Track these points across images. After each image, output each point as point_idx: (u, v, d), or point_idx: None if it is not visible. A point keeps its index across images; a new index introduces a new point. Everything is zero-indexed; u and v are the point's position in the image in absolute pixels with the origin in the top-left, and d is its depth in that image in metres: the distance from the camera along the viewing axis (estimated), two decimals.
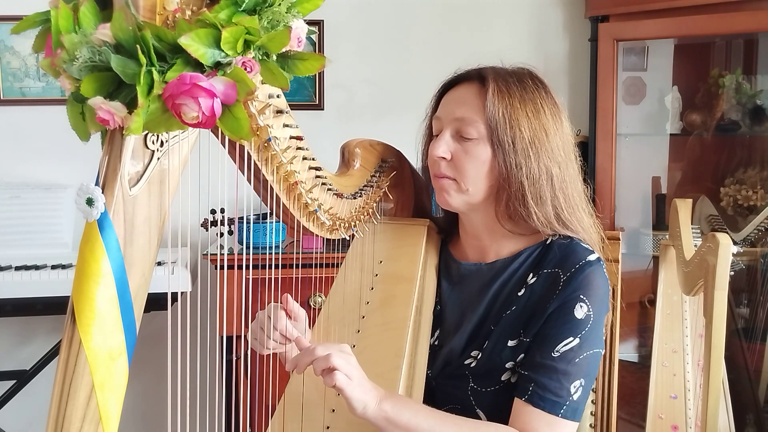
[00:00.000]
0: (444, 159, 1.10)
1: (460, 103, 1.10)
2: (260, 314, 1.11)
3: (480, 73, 1.11)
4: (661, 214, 2.60)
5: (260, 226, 2.14)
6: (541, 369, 1.02)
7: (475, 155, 1.08)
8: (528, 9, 2.73)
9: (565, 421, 1.01)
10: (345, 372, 0.92)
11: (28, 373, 2.32)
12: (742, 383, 2.27)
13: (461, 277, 1.18)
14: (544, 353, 1.03)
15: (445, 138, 1.10)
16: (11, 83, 2.52)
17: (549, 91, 1.11)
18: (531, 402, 1.01)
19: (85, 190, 0.66)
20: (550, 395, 1.00)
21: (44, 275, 2.08)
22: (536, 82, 1.11)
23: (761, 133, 2.50)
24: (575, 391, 1.01)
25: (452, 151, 1.10)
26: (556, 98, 1.12)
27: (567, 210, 1.09)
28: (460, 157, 1.09)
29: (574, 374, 1.01)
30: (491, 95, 1.06)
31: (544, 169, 1.07)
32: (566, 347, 1.02)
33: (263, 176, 0.92)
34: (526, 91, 1.09)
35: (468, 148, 1.09)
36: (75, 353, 0.66)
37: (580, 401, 1.02)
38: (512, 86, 1.08)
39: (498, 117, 1.06)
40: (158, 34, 0.64)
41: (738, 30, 2.35)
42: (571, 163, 1.11)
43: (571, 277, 1.05)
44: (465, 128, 1.08)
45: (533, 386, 1.02)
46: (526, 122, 1.07)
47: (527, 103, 1.08)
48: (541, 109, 1.08)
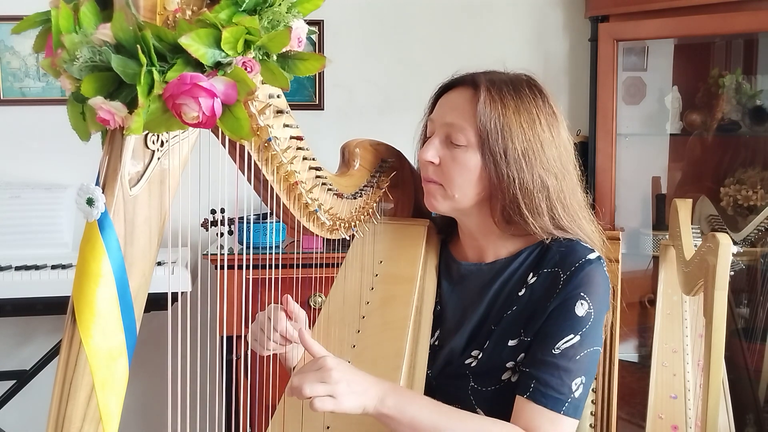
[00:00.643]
0: (432, 163, 1.10)
1: (452, 108, 1.10)
2: (260, 315, 1.11)
3: (474, 79, 1.09)
4: (661, 214, 2.60)
5: (260, 226, 2.14)
6: (543, 366, 1.02)
7: (462, 162, 1.07)
8: (528, 9, 2.73)
9: (567, 418, 1.01)
10: (325, 393, 0.91)
11: (28, 373, 2.32)
12: (742, 383, 2.27)
13: (461, 277, 1.18)
14: (544, 350, 1.03)
15: (434, 143, 1.10)
16: (11, 83, 2.52)
17: (547, 99, 1.09)
18: (533, 399, 1.01)
19: (85, 190, 0.66)
20: (552, 392, 1.01)
21: (44, 275, 2.08)
22: (534, 90, 1.09)
23: (761, 133, 2.50)
24: (576, 388, 1.01)
25: (440, 156, 1.09)
26: (555, 107, 1.10)
27: (566, 219, 1.08)
28: (448, 163, 1.09)
29: (575, 371, 1.01)
30: (482, 103, 1.05)
31: (538, 181, 1.05)
32: (567, 344, 1.02)
33: (263, 176, 0.92)
34: (522, 101, 1.07)
35: (456, 154, 1.08)
36: (75, 353, 0.66)
37: (581, 398, 1.02)
38: (506, 95, 1.06)
39: (489, 126, 1.04)
40: (159, 34, 0.64)
41: (738, 30, 2.35)
42: (569, 173, 1.09)
43: (571, 276, 1.05)
44: (454, 134, 1.08)
45: (535, 383, 1.02)
46: (520, 132, 1.05)
47: (522, 112, 1.06)
48: (537, 119, 1.06)
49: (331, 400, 0.91)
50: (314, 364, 0.94)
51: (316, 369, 0.93)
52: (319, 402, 0.90)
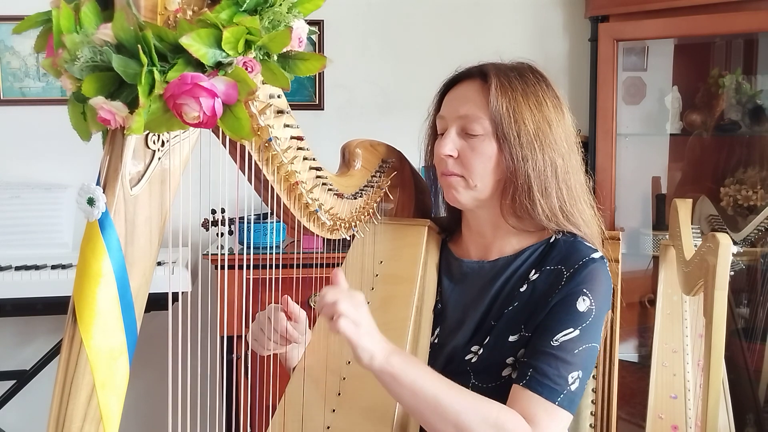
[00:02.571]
0: (451, 157, 1.11)
1: (464, 101, 1.11)
2: (260, 315, 1.11)
3: (481, 69, 1.12)
4: (661, 214, 2.60)
5: (260, 226, 2.14)
6: (540, 356, 1.03)
7: (481, 151, 1.09)
8: (528, 9, 2.73)
9: (562, 410, 1.01)
10: (352, 318, 0.92)
11: (28, 373, 2.32)
12: (742, 383, 2.27)
13: (463, 275, 1.18)
14: (543, 341, 1.03)
15: (451, 136, 1.11)
16: (11, 83, 2.52)
17: (550, 83, 1.13)
18: (529, 387, 1.01)
19: (86, 189, 0.66)
20: (548, 381, 1.01)
21: (44, 275, 2.08)
22: (536, 75, 1.12)
23: (761, 133, 2.50)
24: (573, 381, 1.01)
25: (458, 149, 1.11)
26: (557, 90, 1.13)
27: (569, 202, 1.10)
28: (467, 154, 1.10)
29: (573, 364, 1.02)
30: (494, 91, 1.07)
31: (549, 161, 1.08)
32: (565, 337, 1.03)
33: (264, 176, 0.92)
34: (528, 85, 1.10)
35: (474, 144, 1.09)
36: (76, 353, 0.66)
37: (576, 393, 1.02)
38: (514, 80, 1.09)
39: (502, 112, 1.07)
40: (159, 34, 0.64)
41: (738, 30, 2.35)
42: (574, 154, 1.12)
43: (574, 273, 1.06)
44: (470, 125, 1.09)
45: (531, 371, 1.02)
46: (530, 115, 1.08)
47: (529, 96, 1.09)
48: (543, 102, 1.09)
49: (351, 326, 0.92)
50: (346, 290, 0.95)
51: (350, 295, 0.94)
52: (344, 321, 0.91)
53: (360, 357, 0.93)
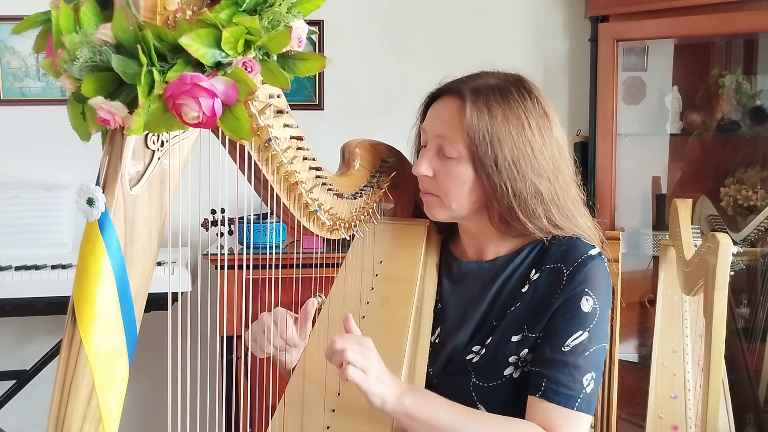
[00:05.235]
0: (427, 176, 1.10)
1: (441, 120, 1.09)
2: (264, 317, 1.11)
3: (459, 88, 1.08)
4: (661, 214, 2.60)
5: (260, 226, 2.14)
6: (553, 364, 1.02)
7: (456, 175, 1.07)
8: (528, 9, 2.73)
9: (581, 414, 1.01)
10: (360, 366, 0.92)
11: (28, 373, 2.32)
12: (742, 383, 2.27)
13: (462, 275, 1.18)
14: (554, 348, 1.03)
15: (427, 155, 1.10)
16: (11, 83, 2.52)
17: (537, 99, 1.08)
18: (546, 397, 1.01)
19: (85, 189, 0.66)
20: (564, 389, 1.01)
21: (44, 275, 2.08)
22: (522, 92, 1.07)
23: (761, 133, 2.50)
24: (587, 384, 1.02)
25: (435, 169, 1.10)
26: (545, 105, 1.09)
27: (562, 219, 1.09)
28: (442, 177, 1.09)
29: (585, 367, 1.02)
30: (469, 115, 1.04)
31: (531, 187, 1.05)
32: (576, 341, 1.03)
33: (263, 176, 0.92)
34: (509, 106, 1.05)
35: (449, 167, 1.08)
36: (75, 353, 0.66)
37: (592, 394, 1.02)
38: (493, 103, 1.05)
39: (478, 138, 1.04)
40: (159, 34, 0.64)
41: (738, 30, 2.35)
42: (561, 173, 1.09)
43: (574, 272, 1.06)
44: (446, 146, 1.07)
45: (546, 382, 1.02)
46: (509, 140, 1.04)
47: (510, 119, 1.05)
48: (526, 123, 1.05)
49: (360, 374, 0.92)
50: (355, 337, 0.95)
51: (358, 342, 0.94)
52: (352, 370, 0.91)
53: (371, 402, 0.93)
